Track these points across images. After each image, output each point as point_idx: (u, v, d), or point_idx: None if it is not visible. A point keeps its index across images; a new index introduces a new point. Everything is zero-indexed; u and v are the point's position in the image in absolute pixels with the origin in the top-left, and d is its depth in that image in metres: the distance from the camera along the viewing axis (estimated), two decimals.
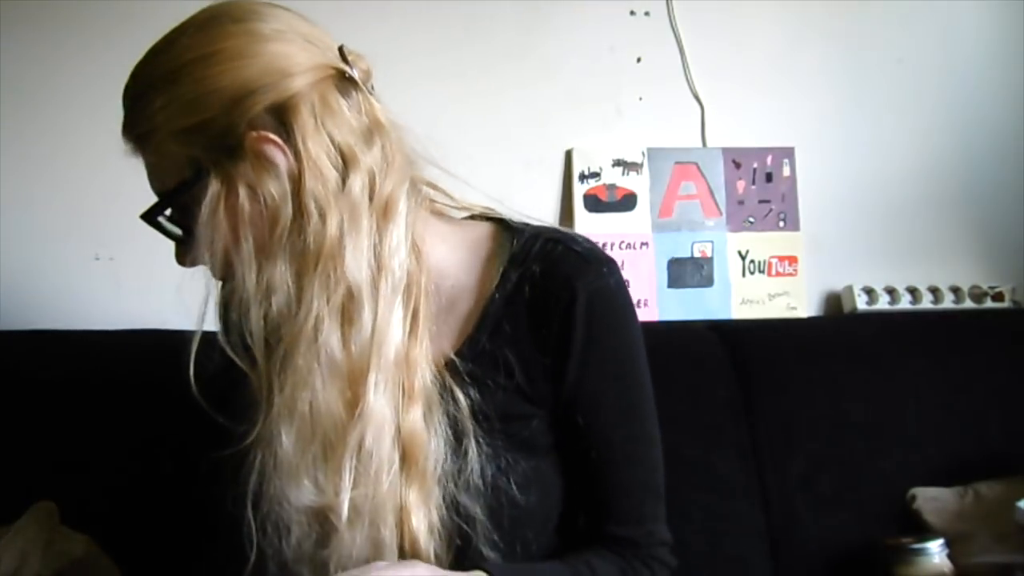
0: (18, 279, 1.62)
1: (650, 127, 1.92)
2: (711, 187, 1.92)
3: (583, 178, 1.87)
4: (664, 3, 1.93)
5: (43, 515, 1.23)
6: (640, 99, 1.92)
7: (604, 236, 1.83)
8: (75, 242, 1.66)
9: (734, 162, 1.94)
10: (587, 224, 1.84)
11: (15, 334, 1.51)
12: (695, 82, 1.94)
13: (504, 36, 1.86)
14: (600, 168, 1.87)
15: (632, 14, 1.92)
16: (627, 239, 1.87)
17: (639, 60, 1.92)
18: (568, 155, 1.87)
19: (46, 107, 1.65)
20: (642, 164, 1.89)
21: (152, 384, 1.24)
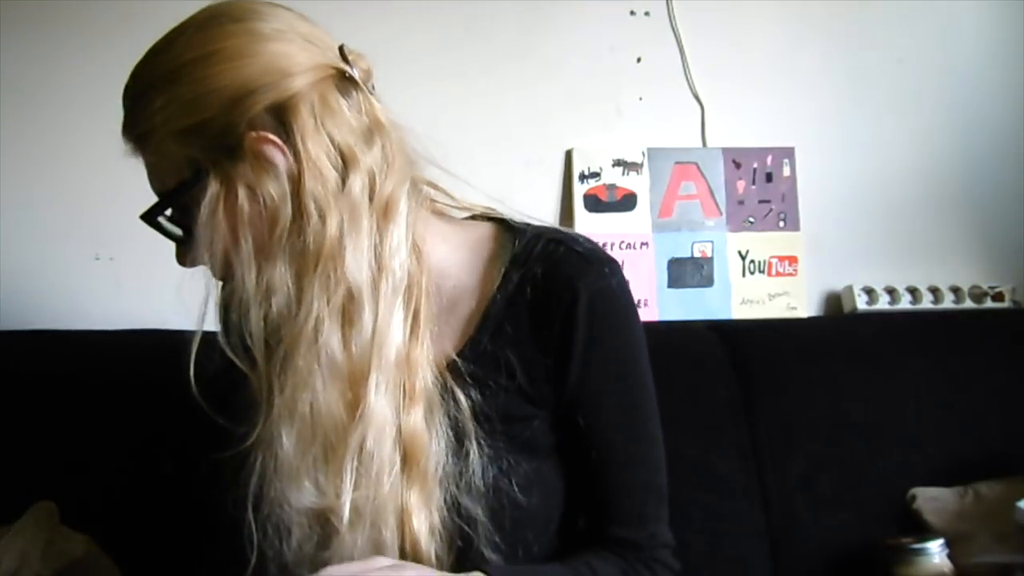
0: (18, 279, 1.62)
1: (650, 127, 1.92)
2: (711, 187, 1.92)
3: (583, 178, 1.86)
4: (664, 3, 1.92)
5: (43, 515, 1.23)
6: (640, 99, 1.92)
7: (604, 236, 1.82)
8: (75, 242, 1.66)
9: (734, 162, 1.94)
10: (587, 224, 1.84)
11: (15, 334, 1.51)
12: (695, 82, 1.94)
13: (504, 36, 1.86)
14: (600, 168, 1.87)
15: (632, 14, 1.92)
16: (627, 239, 1.87)
17: (639, 60, 1.92)
18: (568, 155, 1.87)
19: (46, 107, 1.65)
20: (642, 164, 1.89)
21: (152, 384, 1.24)
